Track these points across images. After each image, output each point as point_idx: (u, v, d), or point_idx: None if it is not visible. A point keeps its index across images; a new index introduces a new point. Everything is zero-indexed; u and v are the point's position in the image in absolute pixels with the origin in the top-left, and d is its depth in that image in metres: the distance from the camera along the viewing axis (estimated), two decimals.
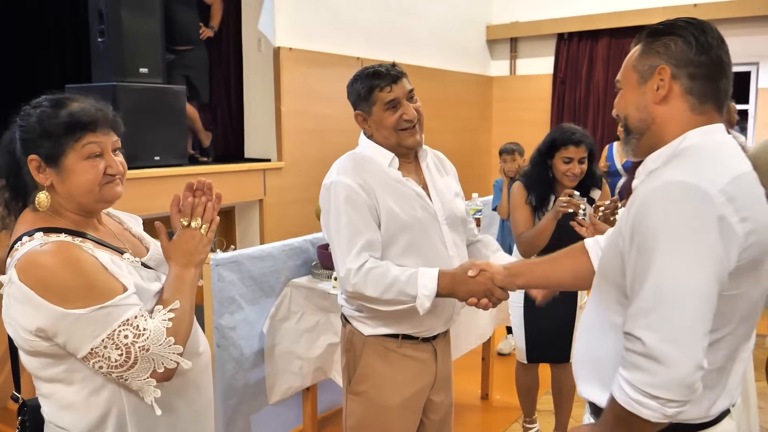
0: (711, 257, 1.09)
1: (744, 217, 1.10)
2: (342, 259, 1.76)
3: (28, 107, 1.38)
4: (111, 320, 1.27)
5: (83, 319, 1.25)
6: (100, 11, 3.73)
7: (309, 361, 2.66)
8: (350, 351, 1.92)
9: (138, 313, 1.31)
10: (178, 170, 3.92)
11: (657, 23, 1.32)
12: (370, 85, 1.85)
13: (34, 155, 1.33)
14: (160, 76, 4.01)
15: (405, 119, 1.84)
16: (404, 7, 5.88)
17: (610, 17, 6.41)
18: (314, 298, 2.63)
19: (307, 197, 4.25)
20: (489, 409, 3.57)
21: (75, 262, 1.28)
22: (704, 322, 1.09)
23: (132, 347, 1.28)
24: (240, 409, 2.60)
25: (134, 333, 1.28)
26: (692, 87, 1.22)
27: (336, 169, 1.87)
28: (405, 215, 1.82)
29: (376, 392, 1.87)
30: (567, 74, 6.83)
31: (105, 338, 1.26)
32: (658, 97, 1.24)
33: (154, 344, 1.30)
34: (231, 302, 2.50)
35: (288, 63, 4.72)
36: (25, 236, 1.31)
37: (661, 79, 1.24)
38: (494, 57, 7.40)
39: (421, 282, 1.71)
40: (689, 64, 1.23)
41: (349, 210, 1.77)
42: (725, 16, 5.82)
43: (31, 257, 1.26)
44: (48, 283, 1.24)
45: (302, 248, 2.79)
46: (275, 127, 4.75)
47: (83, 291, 1.26)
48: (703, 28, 1.27)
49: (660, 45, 1.27)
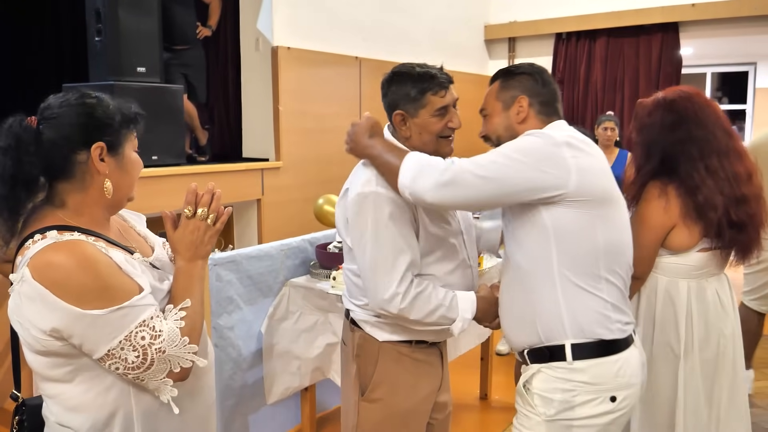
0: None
1: (576, 153, 1.58)
2: (386, 279, 1.69)
3: (68, 100, 1.33)
4: (128, 321, 1.25)
5: (100, 321, 1.22)
6: (98, 10, 3.72)
7: (307, 361, 2.66)
8: (362, 357, 1.86)
9: (154, 314, 1.29)
10: (176, 170, 3.92)
11: (508, 66, 1.80)
12: (424, 87, 1.75)
13: (100, 142, 1.31)
14: (158, 76, 4.00)
15: (449, 127, 1.80)
16: (402, 7, 5.88)
17: (608, 17, 6.41)
18: (312, 298, 2.62)
19: (306, 197, 4.25)
20: (488, 409, 3.57)
21: (91, 261, 1.25)
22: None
23: (149, 349, 1.26)
24: (238, 409, 2.60)
25: (151, 334, 1.27)
26: (541, 109, 1.73)
27: (374, 179, 1.73)
28: (439, 230, 1.80)
29: (393, 398, 1.84)
30: (565, 74, 6.83)
31: (122, 340, 1.24)
32: (520, 119, 1.73)
33: (170, 345, 1.29)
34: (229, 302, 2.49)
35: (286, 62, 4.71)
36: (37, 234, 1.28)
37: (520, 105, 1.72)
38: (492, 57, 7.40)
39: (462, 307, 1.77)
40: (538, 94, 1.73)
41: (393, 226, 1.70)
42: (723, 16, 5.81)
43: (46, 256, 1.23)
44: (64, 283, 1.21)
45: (300, 248, 2.79)
46: (273, 127, 4.74)
47: (99, 291, 1.23)
48: (541, 70, 1.77)
49: (516, 81, 1.75)
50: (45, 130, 1.29)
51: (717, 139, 2.05)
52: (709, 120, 2.07)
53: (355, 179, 1.78)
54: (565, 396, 1.60)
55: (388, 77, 1.81)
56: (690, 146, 2.04)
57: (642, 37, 6.35)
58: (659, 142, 2.08)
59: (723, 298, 2.15)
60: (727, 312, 2.16)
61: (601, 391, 1.60)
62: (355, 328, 1.89)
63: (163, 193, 3.76)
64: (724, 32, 6.28)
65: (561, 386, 1.61)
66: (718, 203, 2.00)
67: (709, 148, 2.03)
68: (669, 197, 2.05)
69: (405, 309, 1.69)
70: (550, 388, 1.62)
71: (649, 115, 2.14)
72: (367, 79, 5.34)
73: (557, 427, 1.62)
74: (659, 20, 6.14)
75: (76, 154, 1.31)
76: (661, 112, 2.11)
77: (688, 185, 2.03)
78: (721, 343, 2.13)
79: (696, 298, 2.11)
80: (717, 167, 2.02)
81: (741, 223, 2.02)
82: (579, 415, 1.60)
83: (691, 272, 2.11)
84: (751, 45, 8.84)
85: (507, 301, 1.75)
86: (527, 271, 1.66)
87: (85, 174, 1.32)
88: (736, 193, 2.02)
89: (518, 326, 1.71)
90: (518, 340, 1.73)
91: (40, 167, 1.29)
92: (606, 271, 1.62)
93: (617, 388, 1.61)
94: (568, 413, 1.60)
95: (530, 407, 1.66)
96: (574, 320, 1.60)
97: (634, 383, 1.64)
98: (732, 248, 2.09)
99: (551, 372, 1.63)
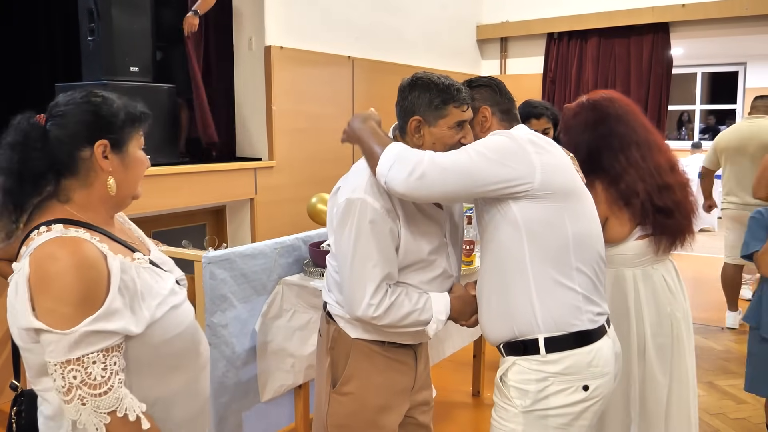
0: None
1: (540, 150, 1.66)
2: (360, 289, 1.72)
3: (75, 99, 1.37)
4: (77, 348, 1.22)
5: (56, 336, 1.22)
6: (90, 9, 3.72)
7: (301, 359, 2.67)
8: (335, 350, 1.89)
9: (108, 346, 1.25)
10: (170, 169, 3.92)
11: (467, 80, 1.87)
12: (448, 97, 1.74)
13: (103, 140, 1.34)
14: (151, 75, 4.00)
15: (462, 143, 1.77)
16: (395, 7, 5.89)
17: (599, 17, 6.45)
18: (306, 296, 2.64)
19: (299, 196, 4.26)
20: (480, 406, 3.59)
21: (86, 266, 1.25)
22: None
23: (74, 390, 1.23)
24: (231, 407, 2.61)
25: (81, 377, 1.23)
26: (502, 116, 1.84)
27: (363, 186, 1.74)
28: (421, 244, 1.80)
29: (363, 393, 1.86)
30: (557, 74, 6.87)
31: (63, 362, 1.22)
32: (485, 127, 1.82)
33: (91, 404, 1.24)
34: (223, 300, 2.50)
35: (279, 62, 4.72)
36: (43, 226, 1.29)
37: (483, 115, 1.82)
38: (485, 57, 7.43)
39: (436, 309, 1.79)
40: (498, 103, 1.84)
41: (372, 237, 1.71)
42: (713, 17, 5.86)
43: (48, 249, 1.24)
44: (53, 280, 1.22)
45: (294, 246, 2.80)
46: (266, 126, 4.75)
47: (80, 300, 1.23)
48: (497, 81, 1.88)
49: (476, 93, 1.83)
50: (52, 127, 1.32)
51: (637, 133, 2.23)
52: (629, 117, 2.25)
53: (347, 183, 1.80)
54: (539, 386, 1.65)
55: (411, 82, 1.79)
56: (611, 140, 2.22)
57: (633, 37, 6.39)
58: (584, 140, 2.25)
59: (670, 282, 2.28)
60: (676, 296, 2.28)
61: (574, 381, 1.64)
62: (330, 321, 1.91)
63: (156, 192, 3.76)
64: (714, 32, 6.33)
65: (535, 377, 1.66)
66: (639, 189, 2.16)
67: (629, 140, 2.21)
68: (596, 191, 2.17)
69: (377, 318, 1.73)
70: (525, 379, 1.67)
71: (575, 116, 2.34)
72: (360, 78, 5.36)
73: (533, 417, 1.66)
74: (650, 20, 6.18)
75: (80, 150, 1.33)
76: (585, 113, 2.31)
77: (611, 176, 2.20)
78: (674, 326, 2.26)
79: (643, 283, 2.24)
80: (637, 158, 2.19)
81: (666, 208, 2.18)
82: (553, 405, 1.64)
83: (635, 260, 2.24)
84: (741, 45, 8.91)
85: (483, 296, 1.80)
86: (501, 265, 1.70)
87: (90, 171, 1.35)
88: (658, 181, 2.18)
89: (494, 321, 1.76)
90: (494, 334, 1.77)
91: (47, 163, 1.31)
92: (577, 261, 1.66)
93: (590, 377, 1.65)
94: (542, 403, 1.65)
95: (507, 399, 1.70)
96: (547, 314, 1.65)
97: (606, 372, 1.69)
98: (664, 234, 2.22)
99: (526, 364, 1.68)
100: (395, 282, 1.79)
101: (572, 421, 1.66)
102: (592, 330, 1.67)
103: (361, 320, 1.77)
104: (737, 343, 4.57)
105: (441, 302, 1.82)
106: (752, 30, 6.07)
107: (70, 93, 1.40)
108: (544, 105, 3.16)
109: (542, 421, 1.66)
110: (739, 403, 3.61)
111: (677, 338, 2.27)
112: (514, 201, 1.63)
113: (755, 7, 5.65)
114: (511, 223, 1.65)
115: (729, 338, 4.69)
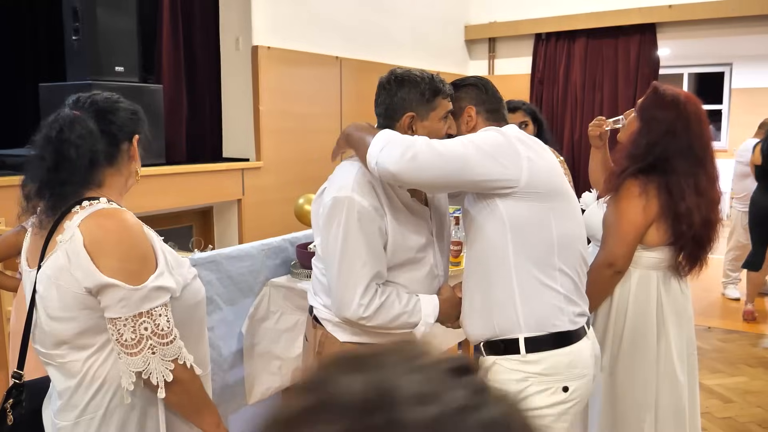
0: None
1: (528, 150, 1.67)
2: (350, 289, 1.70)
3: (112, 98, 1.57)
4: (147, 302, 1.38)
5: (129, 292, 1.37)
6: (75, 9, 3.68)
7: (288, 361, 2.65)
8: (322, 355, 1.88)
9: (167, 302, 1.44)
10: (156, 170, 3.89)
11: (454, 80, 1.88)
12: (436, 90, 1.77)
13: (137, 135, 1.57)
14: (137, 75, 3.96)
15: (449, 133, 1.81)
16: (383, 7, 5.88)
17: (587, 18, 6.47)
18: (293, 298, 2.62)
19: (287, 197, 4.23)
20: None
21: (137, 231, 1.43)
22: None
23: (144, 341, 1.39)
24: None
25: (152, 328, 1.39)
26: (488, 116, 1.83)
27: (350, 184, 1.73)
28: (408, 241, 1.80)
29: None
30: (545, 74, 6.88)
31: (134, 316, 1.37)
32: (470, 127, 1.82)
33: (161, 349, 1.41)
34: (209, 302, 2.47)
35: (266, 62, 4.70)
36: (86, 201, 1.44)
37: (469, 115, 1.82)
38: (473, 57, 7.43)
39: (425, 312, 1.79)
40: (483, 102, 1.83)
41: (360, 235, 1.70)
42: (699, 17, 5.89)
43: (99, 220, 1.40)
44: (112, 247, 1.38)
45: (281, 248, 2.78)
46: (254, 127, 4.72)
47: (140, 261, 1.40)
48: (485, 81, 1.87)
49: (462, 92, 1.84)
50: (99, 122, 1.49)
51: (709, 160, 2.14)
52: (704, 134, 2.16)
53: (333, 182, 1.79)
54: (518, 386, 1.65)
55: (395, 80, 1.78)
56: (687, 157, 2.09)
57: (620, 37, 6.41)
58: (661, 144, 2.11)
59: (682, 285, 2.30)
60: (687, 298, 2.31)
61: (554, 382, 1.65)
62: (317, 325, 1.90)
63: (142, 193, 3.72)
64: (700, 33, 6.36)
65: (515, 377, 1.66)
66: (694, 221, 2.10)
67: (701, 166, 2.12)
68: (649, 196, 2.10)
69: (366, 318, 1.72)
70: (505, 379, 1.66)
71: (663, 109, 2.14)
72: (348, 79, 5.34)
73: None
74: (637, 21, 6.21)
75: (123, 143, 1.54)
76: (674, 113, 2.12)
77: (672, 192, 2.09)
78: (687, 326, 2.29)
79: (664, 285, 2.24)
80: (704, 189, 2.11)
81: (703, 241, 2.17)
82: (533, 406, 1.64)
83: (660, 264, 2.23)
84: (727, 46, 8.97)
85: (466, 293, 1.80)
86: (484, 262, 1.70)
87: (124, 160, 1.55)
88: (708, 217, 2.15)
89: (475, 319, 1.76)
90: (474, 332, 1.78)
91: (90, 154, 1.46)
92: (560, 262, 1.67)
93: (569, 378, 1.66)
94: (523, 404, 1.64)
95: None
96: (529, 313, 1.65)
97: (585, 374, 1.69)
98: (689, 259, 2.22)
99: (506, 363, 1.68)
100: (384, 281, 1.77)
101: (552, 422, 1.66)
102: (573, 331, 1.68)
103: (350, 321, 1.76)
104: (724, 342, 4.60)
105: (430, 305, 1.81)
106: (738, 31, 6.11)
107: (101, 93, 1.59)
108: (518, 101, 3.24)
109: None
110: (725, 402, 3.63)
111: (690, 339, 2.30)
112: (501, 199, 1.64)
113: (741, 8, 5.68)
114: (497, 220, 1.65)
115: (716, 337, 4.72)
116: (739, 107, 10.55)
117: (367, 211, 1.70)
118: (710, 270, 2.40)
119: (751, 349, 4.50)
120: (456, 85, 1.85)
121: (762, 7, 5.62)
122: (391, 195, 1.78)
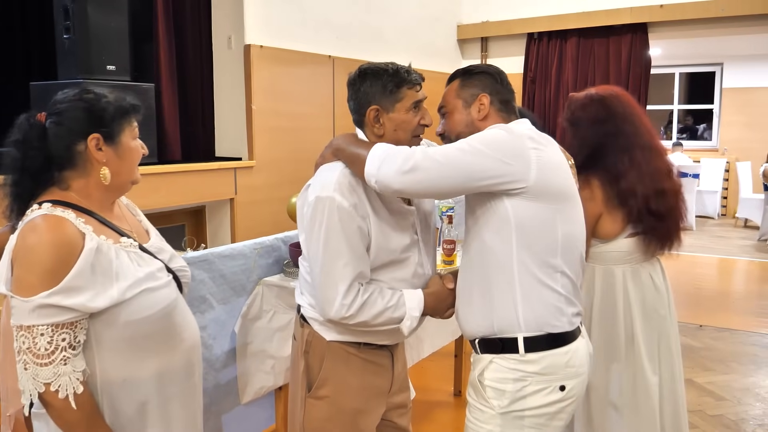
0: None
1: (538, 148, 1.62)
2: (332, 289, 1.70)
3: (68, 96, 1.48)
4: (32, 317, 1.34)
5: (18, 302, 1.34)
6: (66, 7, 3.66)
7: (281, 360, 2.65)
8: (310, 354, 1.85)
9: (59, 322, 1.36)
10: (148, 169, 3.87)
11: (467, 66, 1.82)
12: (400, 80, 1.74)
13: (95, 134, 1.45)
14: (128, 74, 3.95)
15: (422, 124, 1.79)
16: (375, 6, 5.89)
17: (579, 17, 6.49)
18: (286, 297, 2.62)
19: (279, 196, 4.23)
20: (461, 405, 3.59)
21: (60, 244, 1.36)
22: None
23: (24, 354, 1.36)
24: (211, 409, 2.58)
25: (28, 345, 1.34)
26: (501, 107, 1.76)
27: (332, 184, 1.71)
28: (391, 242, 1.79)
29: (339, 397, 1.83)
30: (537, 73, 6.90)
31: (17, 327, 1.35)
32: (481, 116, 1.75)
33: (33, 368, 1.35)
34: (202, 301, 2.47)
35: (259, 61, 4.69)
36: (35, 204, 1.42)
37: (481, 103, 1.75)
38: (465, 56, 7.45)
39: (409, 305, 1.76)
40: (498, 92, 1.76)
41: (342, 236, 1.69)
42: (691, 17, 5.92)
43: (31, 223, 1.37)
44: (29, 253, 1.34)
45: (274, 246, 2.78)
46: (246, 126, 4.72)
47: (50, 274, 1.33)
48: (498, 70, 1.81)
49: (476, 80, 1.77)
50: (50, 125, 1.44)
51: (641, 135, 2.24)
52: (635, 118, 2.26)
53: (317, 181, 1.78)
54: (516, 386, 1.64)
55: (359, 75, 1.78)
56: (618, 139, 2.22)
57: (612, 37, 6.44)
58: (590, 135, 2.25)
59: (656, 281, 2.32)
60: (661, 294, 2.32)
61: (551, 381, 1.64)
62: (305, 324, 1.88)
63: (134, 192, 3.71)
64: (691, 33, 6.40)
65: (512, 376, 1.65)
66: (638, 191, 2.19)
67: (634, 142, 2.22)
68: (592, 187, 2.22)
69: (349, 317, 1.71)
70: (502, 378, 1.65)
71: (583, 109, 2.31)
72: (341, 78, 5.34)
73: (510, 418, 1.65)
74: (629, 21, 6.24)
75: (76, 144, 1.45)
76: (594, 107, 2.27)
77: (612, 174, 2.21)
78: (660, 324, 2.30)
79: (632, 280, 2.27)
80: (640, 160, 2.21)
81: (660, 213, 2.21)
82: (530, 405, 1.64)
83: (624, 258, 2.26)
84: (718, 46, 9.02)
85: (463, 288, 1.77)
86: (486, 260, 1.68)
87: (86, 162, 1.46)
88: (656, 186, 2.21)
89: (473, 315, 1.73)
90: (470, 327, 1.75)
91: (46, 158, 1.43)
92: (563, 263, 1.65)
93: (566, 377, 1.65)
94: (519, 403, 1.64)
95: (483, 400, 1.68)
96: (530, 313, 1.64)
97: (581, 373, 1.69)
98: (654, 237, 2.25)
99: (503, 362, 1.66)
100: (368, 281, 1.77)
101: (548, 421, 1.66)
102: (570, 331, 1.68)
103: (334, 321, 1.75)
104: (715, 341, 4.62)
105: (414, 299, 1.78)
106: (729, 31, 6.15)
107: (66, 91, 1.50)
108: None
109: (519, 421, 1.65)
110: (717, 400, 3.65)
111: (665, 336, 2.30)
112: (508, 197, 1.61)
113: (732, 8, 5.72)
114: (502, 219, 1.63)
115: (708, 336, 4.74)
116: (730, 107, 10.61)
117: (348, 212, 1.70)
118: (698, 268, 2.42)
119: (743, 346, 4.53)
120: (470, 72, 1.80)
121: (753, 7, 5.66)
122: (373, 196, 1.76)
